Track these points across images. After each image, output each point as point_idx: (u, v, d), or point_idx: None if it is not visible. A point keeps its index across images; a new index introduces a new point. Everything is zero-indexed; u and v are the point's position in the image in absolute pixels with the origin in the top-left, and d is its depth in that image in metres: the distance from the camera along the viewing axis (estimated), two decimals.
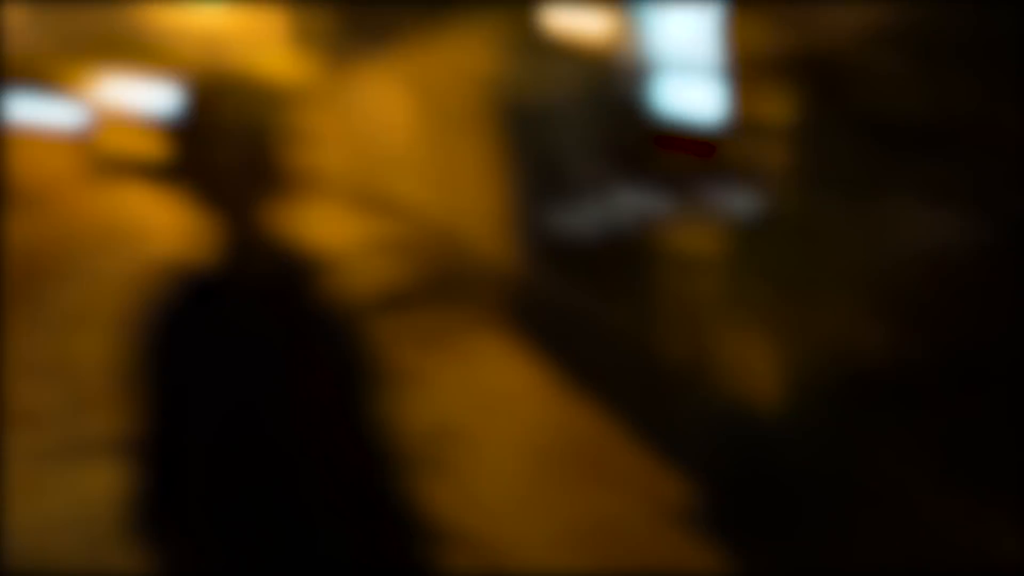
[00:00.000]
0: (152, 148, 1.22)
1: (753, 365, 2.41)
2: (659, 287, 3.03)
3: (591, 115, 3.76)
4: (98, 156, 22.45)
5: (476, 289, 5.50)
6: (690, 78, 2.78)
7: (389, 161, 9.12)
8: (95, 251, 10.97)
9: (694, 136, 2.84)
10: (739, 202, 2.49)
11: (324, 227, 10.09)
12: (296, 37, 18.21)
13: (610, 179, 3.68)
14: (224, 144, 1.13)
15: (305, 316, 1.26)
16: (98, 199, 19.38)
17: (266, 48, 23.88)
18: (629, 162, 3.43)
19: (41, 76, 19.34)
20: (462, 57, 5.03)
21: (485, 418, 3.86)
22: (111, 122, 25.69)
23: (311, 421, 1.22)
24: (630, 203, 3.41)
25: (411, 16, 6.65)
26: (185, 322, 1.15)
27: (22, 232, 13.37)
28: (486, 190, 4.81)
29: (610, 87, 3.28)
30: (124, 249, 11.12)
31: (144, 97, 26.41)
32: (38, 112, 20.06)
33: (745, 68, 2.28)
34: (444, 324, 5.38)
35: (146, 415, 1.16)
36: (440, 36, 5.58)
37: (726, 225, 2.57)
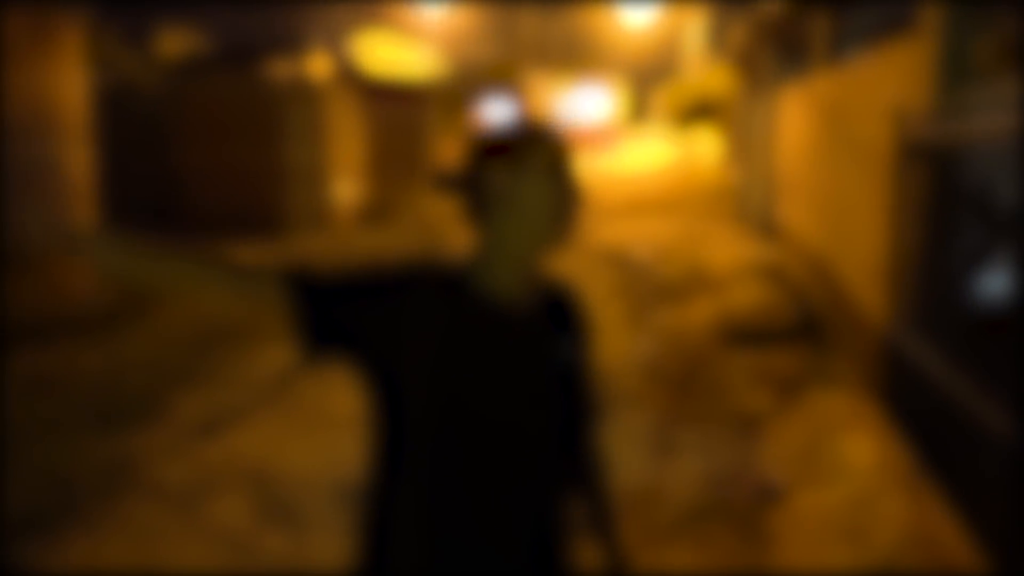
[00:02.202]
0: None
1: None
2: None
3: None
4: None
5: (844, 341, 4.94)
6: None
7: (782, 185, 8.65)
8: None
9: None
10: None
11: (711, 245, 10.03)
12: (715, 47, 18.16)
13: None
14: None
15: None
16: None
17: (692, 56, 24.24)
18: None
19: (495, 78, 22.45)
20: (872, 85, 4.50)
21: (816, 487, 3.46)
22: (533, 118, 28.43)
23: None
24: None
25: (833, 37, 6.17)
26: (424, 305, 1.23)
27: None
28: (877, 234, 4.26)
29: None
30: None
31: (579, 101, 28.88)
32: (491, 110, 23.36)
33: None
34: (801, 371, 4.95)
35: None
36: (858, 60, 5.08)
37: None
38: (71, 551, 3.12)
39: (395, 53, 15.38)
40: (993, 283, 3.32)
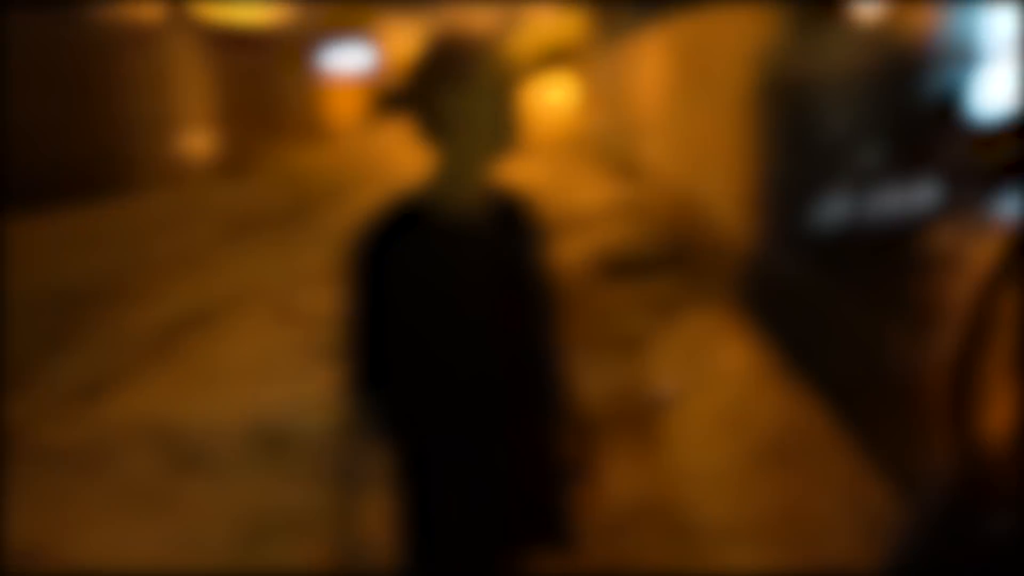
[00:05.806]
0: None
1: (1001, 407, 2.17)
2: (916, 295, 2.79)
3: (871, 100, 3.50)
4: (379, 98, 24.79)
5: (710, 264, 5.41)
6: (1001, 66, 2.48)
7: (642, 127, 9.11)
8: (361, 180, 12.32)
9: (996, 135, 2.55)
10: None
11: (578, 187, 10.36)
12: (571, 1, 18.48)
13: (881, 172, 3.42)
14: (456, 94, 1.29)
15: (513, 262, 1.40)
16: (373, 136, 21.54)
17: (546, 8, 24.41)
18: (909, 155, 3.17)
19: (344, 25, 21.67)
20: (728, 28, 4.88)
21: (701, 393, 3.86)
22: (393, 67, 28.00)
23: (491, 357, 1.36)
24: (899, 200, 3.16)
25: None
26: (395, 242, 1.31)
27: (320, 162, 15.30)
28: (736, 166, 4.68)
29: (900, 70, 3.03)
30: (378, 179, 12.40)
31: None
32: (343, 59, 22.57)
33: None
34: (674, 294, 5.38)
35: (355, 307, 1.35)
36: (712, 7, 5.45)
37: (1012, 237, 2.30)
38: None
39: None
40: (835, 203, 3.78)
